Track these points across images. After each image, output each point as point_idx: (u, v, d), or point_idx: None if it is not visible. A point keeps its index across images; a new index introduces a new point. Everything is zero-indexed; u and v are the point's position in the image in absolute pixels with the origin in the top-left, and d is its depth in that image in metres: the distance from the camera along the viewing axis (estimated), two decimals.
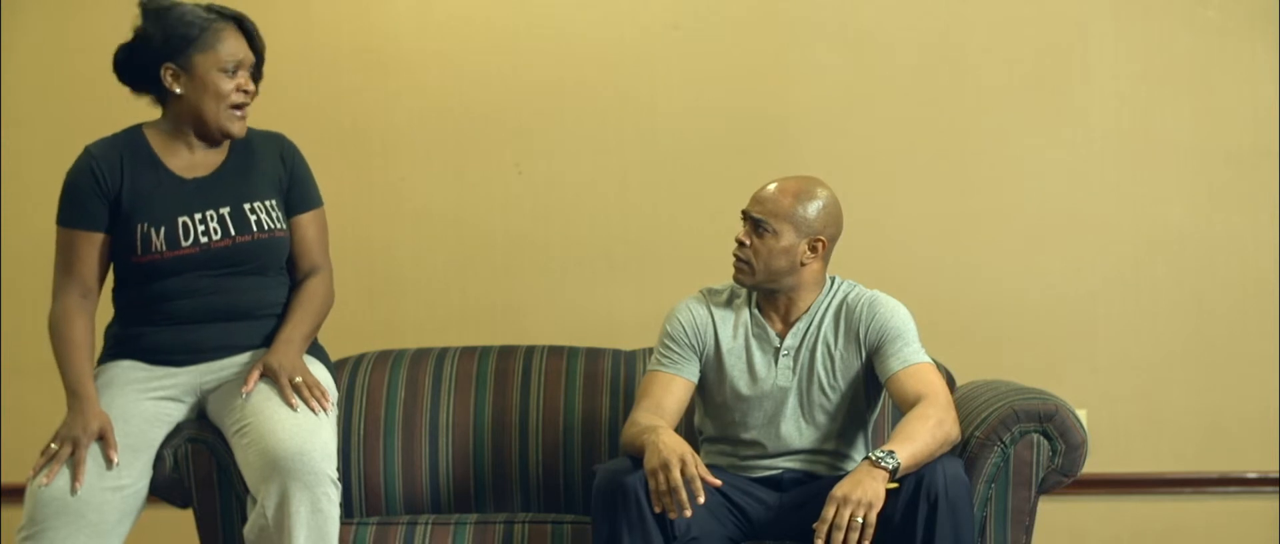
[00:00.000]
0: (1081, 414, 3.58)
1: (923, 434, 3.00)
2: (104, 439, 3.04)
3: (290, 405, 3.08)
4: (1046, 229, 4.40)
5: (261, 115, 3.37)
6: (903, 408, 3.15)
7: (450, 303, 4.46)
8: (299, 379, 3.14)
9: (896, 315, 3.26)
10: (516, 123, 4.45)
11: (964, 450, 3.15)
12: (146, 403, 3.17)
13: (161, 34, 3.11)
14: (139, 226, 3.12)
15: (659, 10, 4.41)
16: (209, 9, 3.17)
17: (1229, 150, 4.34)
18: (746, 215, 3.23)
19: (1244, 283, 4.34)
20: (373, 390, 3.76)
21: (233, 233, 3.16)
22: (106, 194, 3.12)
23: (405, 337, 4.28)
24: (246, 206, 3.19)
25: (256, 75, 3.23)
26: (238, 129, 3.19)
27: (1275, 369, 4.32)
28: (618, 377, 3.80)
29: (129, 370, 3.20)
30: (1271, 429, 4.33)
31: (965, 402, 3.35)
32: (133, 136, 3.19)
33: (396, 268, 4.46)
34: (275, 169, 3.27)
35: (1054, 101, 4.37)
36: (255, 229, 3.18)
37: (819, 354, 3.29)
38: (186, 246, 3.12)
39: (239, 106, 3.17)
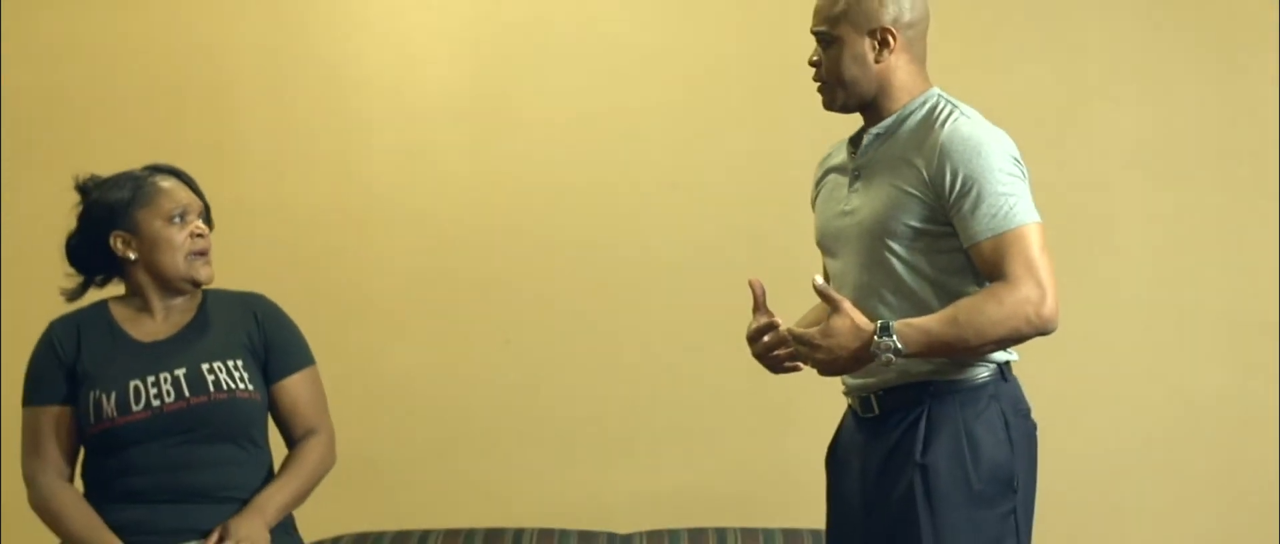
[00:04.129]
0: None
1: (955, 323, 2.64)
2: None
3: None
4: (1073, 399, 4.33)
5: (229, 275, 3.34)
6: None
7: (432, 481, 4.41)
8: None
9: (979, 156, 2.72)
10: (505, 289, 4.45)
11: None
12: None
13: (101, 206, 3.16)
14: (91, 394, 3.10)
15: (657, 170, 4.44)
16: (143, 168, 3.23)
17: (1263, 318, 4.32)
18: (813, 34, 2.93)
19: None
20: None
21: (187, 394, 3.11)
22: (63, 364, 3.14)
23: (383, 517, 4.24)
24: (204, 366, 3.14)
25: (208, 221, 3.24)
26: (205, 274, 3.19)
27: None
28: None
29: None
30: None
31: None
32: (96, 309, 3.22)
33: (374, 442, 4.36)
34: (244, 328, 3.23)
35: (1082, 270, 4.29)
36: (212, 389, 3.12)
37: (881, 179, 2.82)
38: (138, 411, 3.08)
39: (200, 253, 3.18)
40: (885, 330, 2.64)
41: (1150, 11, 4.37)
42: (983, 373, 2.76)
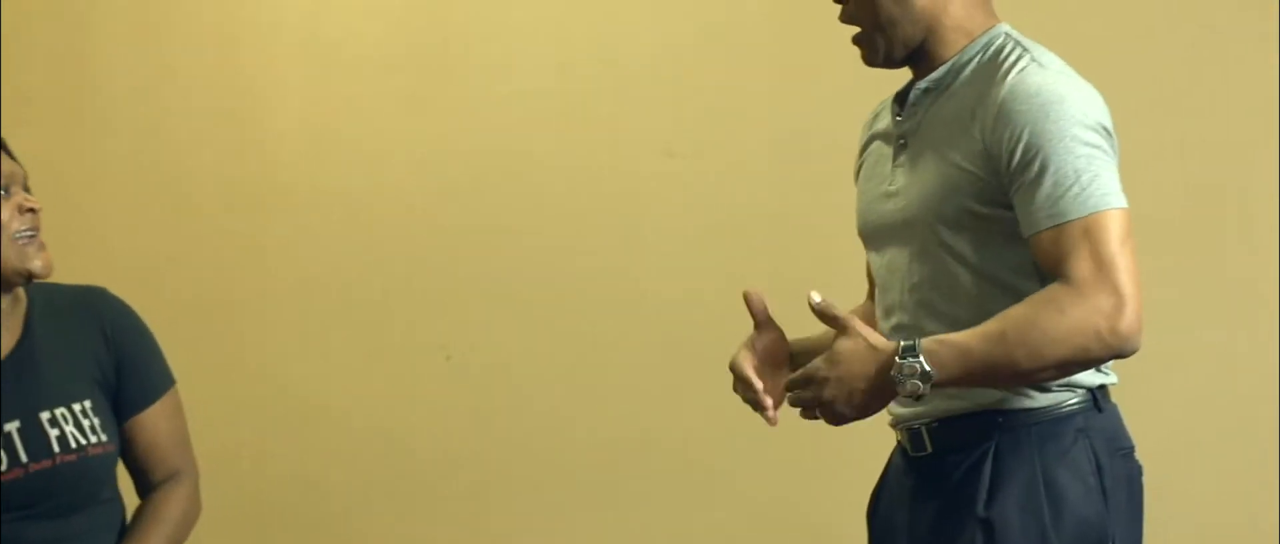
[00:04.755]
0: None
1: (1002, 340, 2.39)
2: None
3: None
4: (1196, 432, 3.93)
5: (80, 269, 3.13)
6: None
7: (344, 531, 4.27)
8: None
9: (1048, 118, 2.48)
10: (445, 291, 4.25)
11: None
12: None
13: None
14: None
15: (649, 137, 4.14)
16: None
17: None
18: None
19: None
20: None
21: (24, 459, 2.84)
22: None
23: None
24: (43, 417, 2.88)
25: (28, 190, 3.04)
26: (39, 264, 2.90)
27: None
28: None
29: None
30: None
31: None
32: None
33: (275, 477, 4.27)
34: (89, 348, 2.98)
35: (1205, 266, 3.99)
36: (58, 449, 2.86)
37: (931, 148, 2.63)
38: None
39: (31, 234, 2.89)
40: (910, 350, 2.37)
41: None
42: (1070, 400, 2.49)
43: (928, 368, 2.37)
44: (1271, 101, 4.12)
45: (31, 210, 2.91)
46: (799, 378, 2.45)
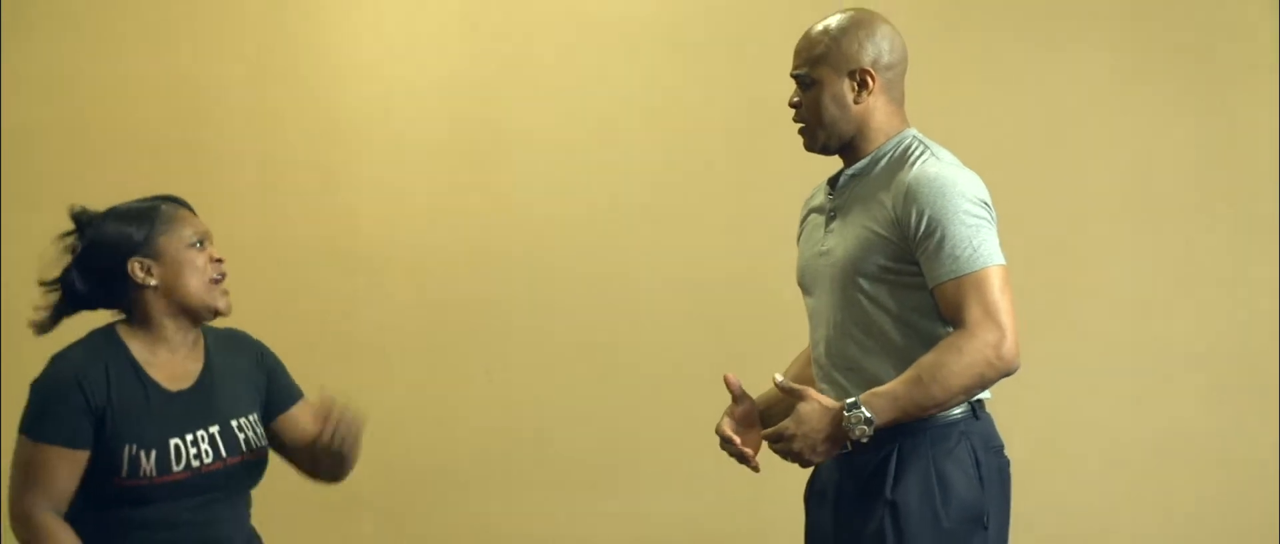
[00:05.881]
0: None
1: (919, 383, 2.65)
2: None
3: None
4: (1052, 441, 4.29)
5: None
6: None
7: (417, 520, 4.40)
8: None
9: (943, 197, 2.71)
10: (489, 321, 4.42)
11: None
12: None
13: (115, 233, 3.05)
14: (126, 449, 2.97)
15: (642, 202, 4.41)
16: (149, 198, 3.14)
17: (1247, 355, 4.28)
18: (793, 77, 2.94)
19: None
20: None
21: (224, 454, 3.06)
22: (92, 410, 2.97)
23: None
24: (234, 423, 3.10)
25: None
26: (224, 303, 3.09)
27: None
28: None
29: None
30: None
31: None
32: (112, 343, 3.06)
33: (358, 480, 4.04)
34: (254, 375, 3.20)
35: (1062, 308, 4.29)
36: (244, 448, 3.09)
37: (853, 218, 2.84)
38: (178, 472, 2.99)
39: (219, 280, 3.08)
40: (853, 406, 2.64)
41: (1133, 45, 4.34)
42: (955, 411, 2.75)
43: (868, 415, 2.62)
44: (1113, 178, 4.28)
45: (218, 261, 3.09)
46: (772, 435, 2.68)
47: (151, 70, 4.52)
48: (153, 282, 3.04)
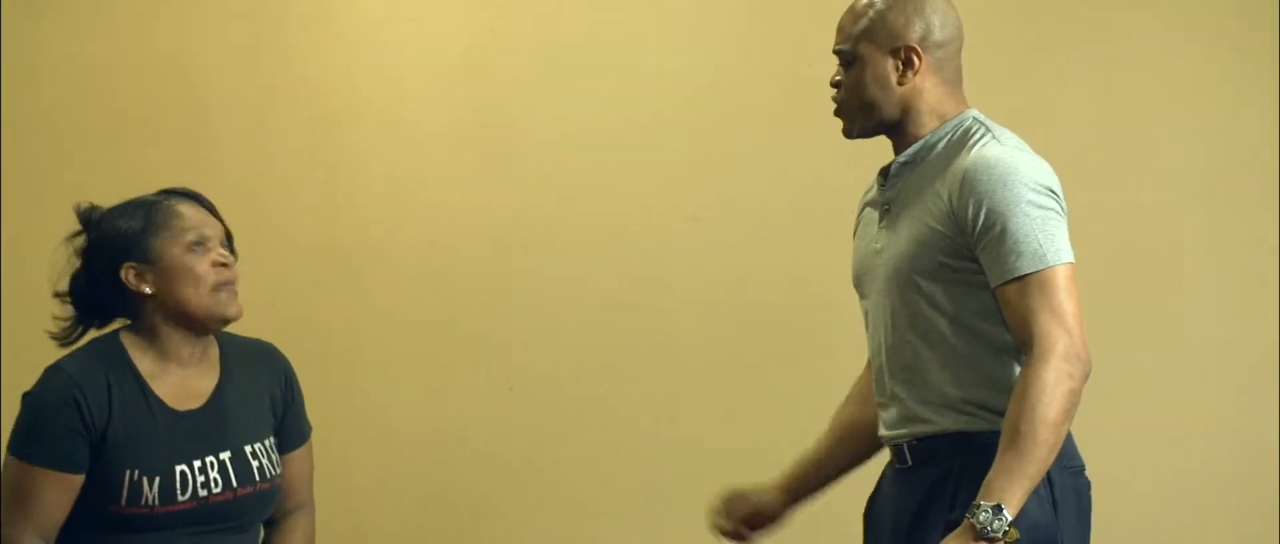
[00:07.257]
0: None
1: (1027, 448, 2.54)
2: None
3: None
4: (1138, 453, 4.18)
5: None
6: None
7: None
8: None
9: (1005, 186, 2.62)
10: (507, 331, 4.41)
11: None
12: None
13: (109, 235, 2.96)
14: (127, 474, 2.91)
15: (675, 201, 4.37)
16: (155, 193, 3.05)
17: None
18: (835, 53, 2.89)
19: None
20: None
21: (235, 485, 3.00)
22: (90, 431, 2.92)
23: None
24: (247, 450, 3.04)
25: (231, 250, 3.04)
26: (232, 310, 2.98)
27: None
28: None
29: None
30: None
31: None
32: (115, 354, 2.99)
33: (363, 500, 4.37)
34: (274, 396, 3.14)
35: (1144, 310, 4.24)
36: (258, 478, 3.03)
37: (908, 212, 2.78)
38: (183, 501, 2.93)
39: (225, 285, 2.97)
40: (974, 511, 2.54)
41: (1211, 26, 4.24)
42: None
43: (996, 503, 2.51)
44: (1195, 167, 4.24)
45: (224, 265, 2.99)
46: None
47: (135, 51, 4.52)
48: (147, 289, 2.96)
